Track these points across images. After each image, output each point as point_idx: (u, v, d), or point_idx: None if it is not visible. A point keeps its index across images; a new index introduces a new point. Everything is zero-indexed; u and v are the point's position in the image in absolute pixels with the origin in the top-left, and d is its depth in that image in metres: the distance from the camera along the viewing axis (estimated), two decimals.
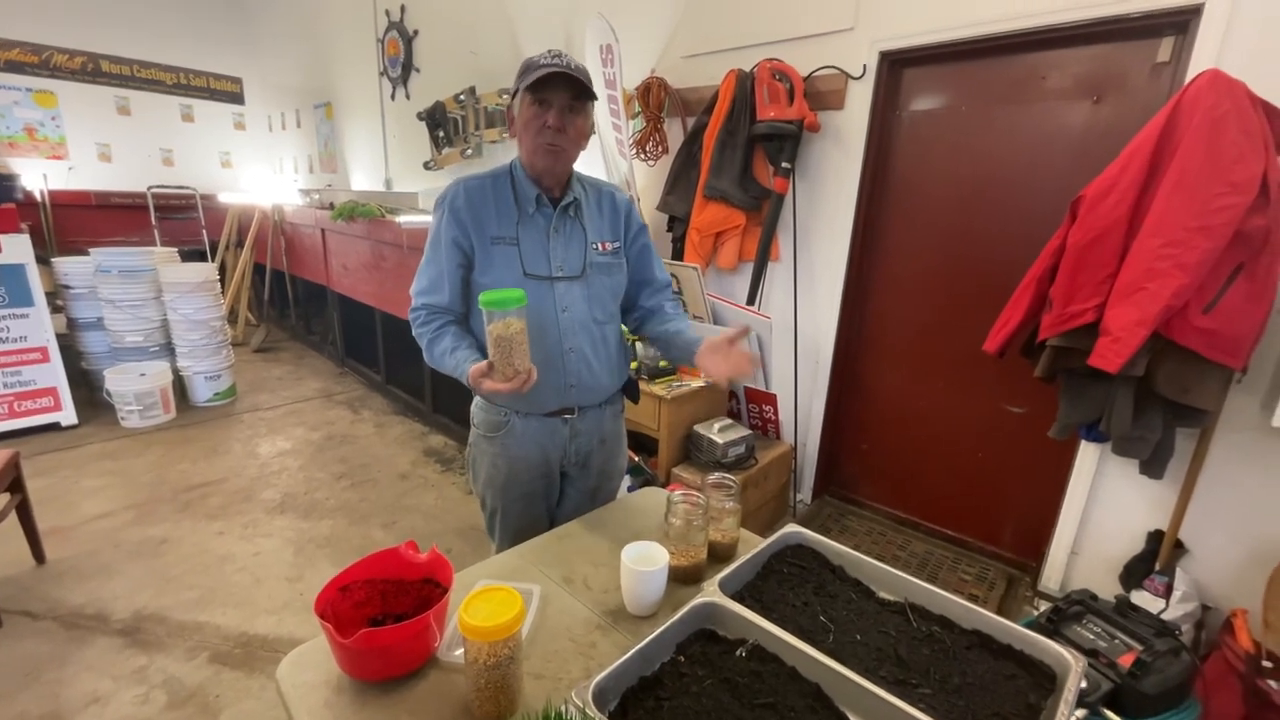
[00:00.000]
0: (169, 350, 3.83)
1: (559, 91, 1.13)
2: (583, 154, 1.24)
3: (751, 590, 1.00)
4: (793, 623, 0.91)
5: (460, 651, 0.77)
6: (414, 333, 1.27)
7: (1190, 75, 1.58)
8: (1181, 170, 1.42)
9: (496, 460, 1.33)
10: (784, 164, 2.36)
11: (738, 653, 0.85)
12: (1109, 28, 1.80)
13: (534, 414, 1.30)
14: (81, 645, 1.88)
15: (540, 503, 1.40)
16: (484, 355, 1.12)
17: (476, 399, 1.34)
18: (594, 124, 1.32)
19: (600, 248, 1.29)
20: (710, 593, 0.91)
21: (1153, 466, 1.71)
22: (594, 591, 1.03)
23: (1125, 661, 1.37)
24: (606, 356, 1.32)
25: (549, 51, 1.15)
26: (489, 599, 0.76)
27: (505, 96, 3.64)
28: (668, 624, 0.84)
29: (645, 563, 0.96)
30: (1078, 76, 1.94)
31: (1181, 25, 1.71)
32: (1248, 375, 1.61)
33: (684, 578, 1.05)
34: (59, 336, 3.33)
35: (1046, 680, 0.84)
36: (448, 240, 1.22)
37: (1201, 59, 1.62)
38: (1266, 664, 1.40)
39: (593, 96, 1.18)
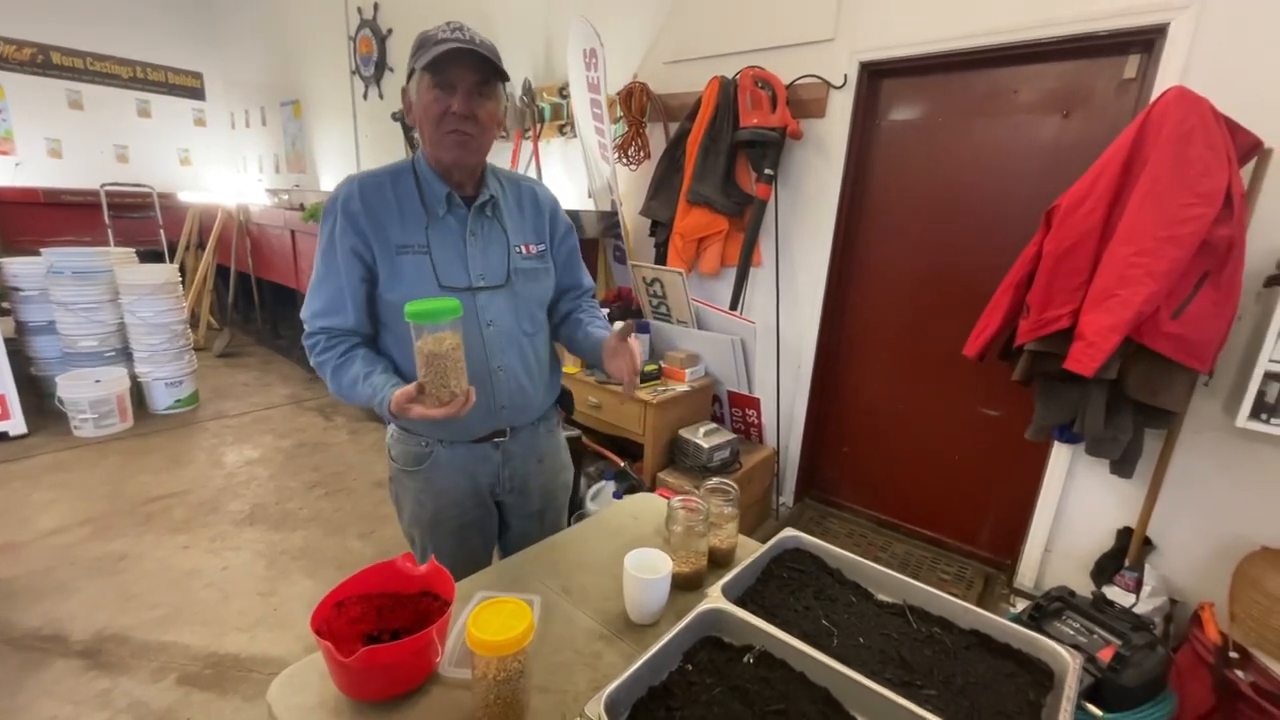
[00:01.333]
0: (126, 355, 3.66)
1: (464, 71, 0.99)
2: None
3: (753, 596, 0.99)
4: (796, 627, 0.91)
5: (465, 667, 0.75)
6: (312, 362, 1.11)
7: (1156, 92, 1.65)
8: (1151, 182, 1.49)
9: (421, 496, 1.20)
10: (767, 170, 2.39)
11: (745, 659, 0.85)
12: (1078, 45, 1.87)
13: (460, 441, 1.17)
14: (37, 669, 1.77)
15: (476, 536, 1.28)
16: (404, 379, 1.01)
17: (392, 428, 1.21)
18: (505, 108, 1.18)
19: (524, 250, 1.16)
20: (715, 599, 0.90)
21: (1123, 466, 1.77)
22: (594, 600, 1.02)
23: (1105, 656, 1.42)
24: (539, 371, 1.22)
25: (448, 24, 1.00)
26: (497, 611, 0.74)
27: None
28: (674, 632, 0.83)
29: (649, 570, 0.95)
30: (1048, 91, 2.01)
31: (1147, 44, 1.78)
32: (1213, 379, 1.69)
33: (685, 584, 1.04)
34: (7, 341, 3.15)
35: (1045, 678, 0.85)
36: (345, 251, 1.05)
37: (1166, 76, 1.70)
38: (1234, 655, 1.46)
39: (504, 76, 1.04)
